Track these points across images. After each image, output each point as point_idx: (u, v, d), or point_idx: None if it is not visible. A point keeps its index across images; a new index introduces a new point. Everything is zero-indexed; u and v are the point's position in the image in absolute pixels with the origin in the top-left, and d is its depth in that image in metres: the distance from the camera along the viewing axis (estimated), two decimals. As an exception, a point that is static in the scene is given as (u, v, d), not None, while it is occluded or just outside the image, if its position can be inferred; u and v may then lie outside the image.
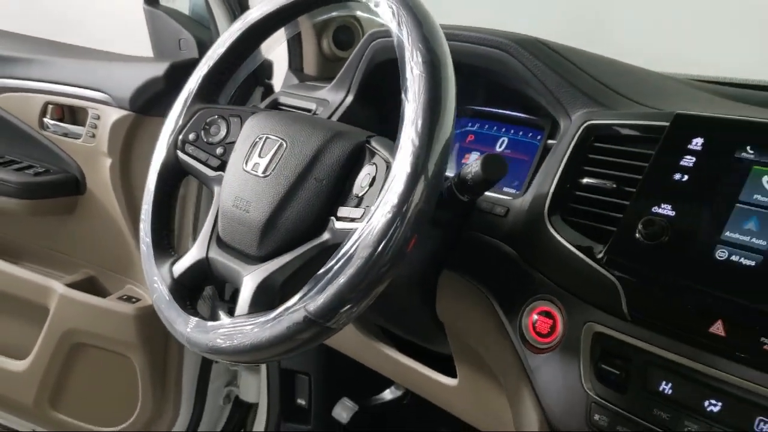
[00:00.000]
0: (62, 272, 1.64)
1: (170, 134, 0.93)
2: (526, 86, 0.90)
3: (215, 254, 0.83)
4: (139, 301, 1.53)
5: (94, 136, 1.50)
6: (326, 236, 0.75)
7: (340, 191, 0.77)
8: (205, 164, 0.90)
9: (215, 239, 0.85)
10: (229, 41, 0.94)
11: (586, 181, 0.78)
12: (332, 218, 0.75)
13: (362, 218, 0.70)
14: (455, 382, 0.98)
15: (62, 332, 1.55)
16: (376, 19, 0.79)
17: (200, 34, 1.43)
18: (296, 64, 1.39)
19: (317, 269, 0.69)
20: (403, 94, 0.70)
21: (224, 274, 0.83)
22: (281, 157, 0.80)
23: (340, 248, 0.68)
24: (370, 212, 0.68)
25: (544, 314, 0.77)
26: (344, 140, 0.79)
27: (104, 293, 1.59)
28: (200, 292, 0.88)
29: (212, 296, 0.94)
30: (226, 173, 0.86)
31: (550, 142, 0.91)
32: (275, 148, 0.82)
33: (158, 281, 0.86)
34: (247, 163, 0.83)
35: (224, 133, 0.90)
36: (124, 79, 1.45)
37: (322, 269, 0.68)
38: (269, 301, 0.75)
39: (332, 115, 1.10)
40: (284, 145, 0.81)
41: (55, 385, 1.61)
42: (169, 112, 0.95)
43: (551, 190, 0.79)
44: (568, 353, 0.75)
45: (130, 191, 1.49)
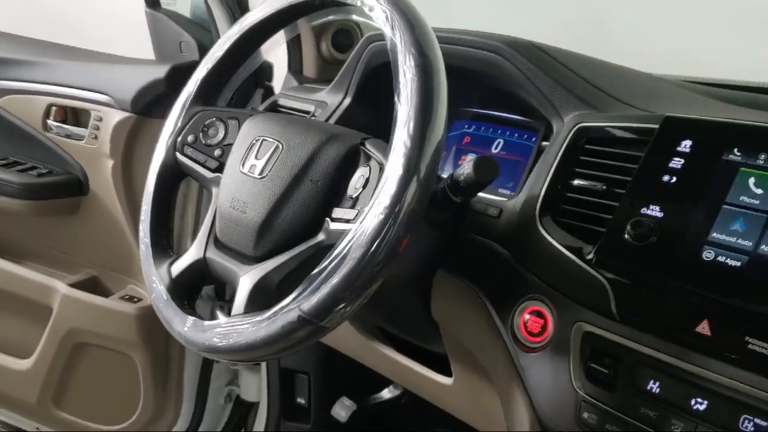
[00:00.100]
0: (65, 272, 1.65)
1: (169, 136, 0.94)
2: (519, 89, 0.91)
3: (213, 254, 0.85)
4: (140, 300, 1.55)
5: (96, 137, 1.51)
6: (321, 237, 0.76)
7: (334, 192, 0.78)
8: (203, 166, 0.91)
9: (213, 240, 0.86)
10: (227, 44, 0.95)
11: (577, 182, 0.79)
12: (327, 219, 0.76)
13: (356, 219, 0.71)
14: (450, 381, 0.99)
15: (65, 331, 1.57)
16: (370, 23, 0.80)
17: (201, 36, 1.45)
18: (296, 66, 1.40)
19: (313, 269, 0.70)
20: (396, 97, 0.71)
21: (221, 274, 0.84)
22: (277, 159, 0.82)
23: (333, 248, 0.69)
24: (363, 213, 0.69)
25: (535, 314, 0.78)
26: (339, 142, 0.80)
27: (107, 293, 1.60)
28: (198, 291, 0.90)
29: (210, 296, 0.96)
30: (223, 175, 0.87)
31: (544, 143, 0.92)
32: (271, 150, 0.83)
33: (156, 281, 0.87)
34: (243, 164, 0.84)
35: (222, 135, 0.91)
36: (125, 81, 1.47)
37: (316, 269, 0.69)
38: (265, 300, 0.76)
39: (330, 117, 1.11)
40: (280, 147, 0.82)
41: (58, 383, 1.62)
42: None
43: (542, 191, 0.80)
44: (558, 352, 0.76)
45: (131, 192, 1.50)
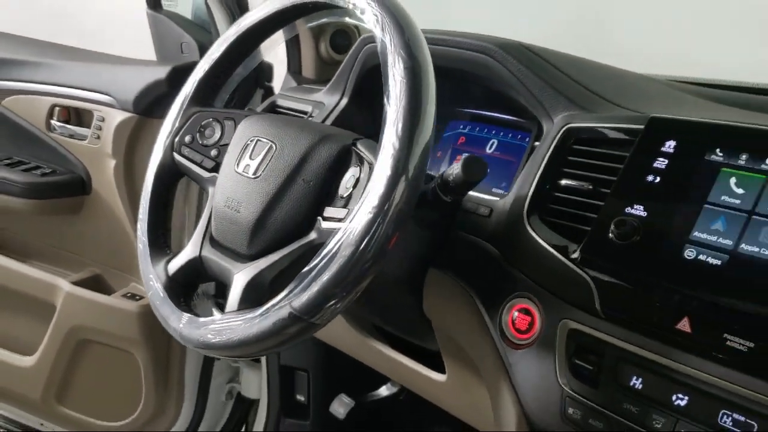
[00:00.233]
0: (69, 270, 1.67)
1: (167, 136, 0.96)
2: (510, 89, 0.92)
3: (208, 253, 0.86)
4: (142, 298, 1.57)
5: (99, 137, 1.54)
6: (313, 235, 0.78)
7: (326, 192, 0.79)
8: (199, 166, 0.93)
9: (208, 238, 0.88)
10: (223, 46, 0.97)
11: (564, 182, 0.81)
12: (319, 218, 0.78)
13: (346, 218, 0.73)
14: (444, 378, 1.00)
15: (68, 329, 1.59)
16: (362, 25, 0.81)
17: (202, 37, 1.47)
18: (295, 67, 1.42)
19: (305, 267, 0.71)
20: (385, 98, 0.73)
21: (216, 272, 0.85)
22: (271, 159, 0.83)
23: (323, 247, 0.71)
24: (353, 212, 0.70)
25: (523, 311, 0.79)
26: (331, 143, 0.82)
27: (109, 291, 1.62)
28: (194, 289, 0.91)
29: (206, 293, 0.97)
30: (219, 174, 0.89)
31: (536, 144, 0.93)
32: (265, 150, 0.84)
33: (153, 279, 0.89)
34: (238, 164, 0.86)
35: (218, 135, 0.93)
36: (127, 82, 1.49)
37: (306, 267, 0.71)
38: (258, 298, 0.77)
39: (327, 117, 1.13)
40: (274, 147, 0.84)
41: (61, 380, 1.64)
42: None
43: (530, 191, 0.81)
44: (544, 349, 0.77)
45: (133, 192, 1.52)
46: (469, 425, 1.04)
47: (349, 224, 0.70)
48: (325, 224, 0.77)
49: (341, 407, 1.38)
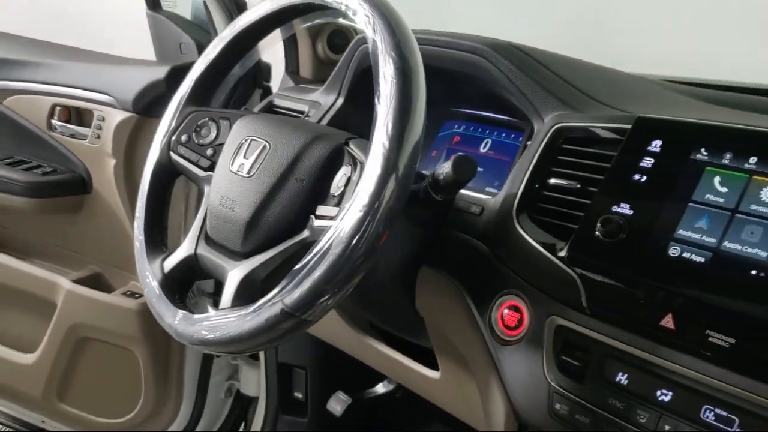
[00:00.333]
0: (69, 269, 1.69)
1: (163, 136, 0.97)
2: (502, 89, 0.93)
3: (203, 250, 0.87)
4: (142, 296, 1.58)
5: (99, 137, 1.55)
6: (306, 233, 0.79)
7: (319, 191, 0.80)
8: (195, 165, 0.94)
9: (204, 236, 0.89)
10: (219, 47, 0.98)
11: (553, 181, 0.82)
12: (312, 216, 0.79)
13: (337, 216, 0.74)
14: (438, 375, 1.01)
15: (69, 326, 1.60)
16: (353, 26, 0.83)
17: (200, 38, 1.48)
18: (293, 67, 1.43)
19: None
20: (375, 98, 0.74)
21: (211, 269, 0.87)
22: (265, 158, 0.84)
23: (315, 244, 0.72)
24: (344, 210, 0.72)
25: (512, 308, 0.80)
26: (324, 142, 0.83)
27: (109, 289, 1.64)
28: (190, 286, 0.92)
29: (201, 290, 0.98)
30: (214, 173, 0.90)
31: (529, 143, 0.94)
32: (259, 149, 0.85)
33: (150, 276, 0.90)
34: (233, 163, 0.87)
35: (214, 135, 0.94)
36: (127, 81, 1.50)
37: (298, 265, 0.72)
38: (252, 295, 0.78)
39: (323, 117, 1.14)
40: (267, 146, 0.85)
41: (62, 377, 1.66)
42: None
43: (520, 190, 0.82)
44: (532, 345, 0.78)
45: (133, 190, 1.54)
46: (464, 423, 1.05)
47: (340, 222, 0.71)
48: (317, 222, 0.78)
49: (338, 404, 1.39)
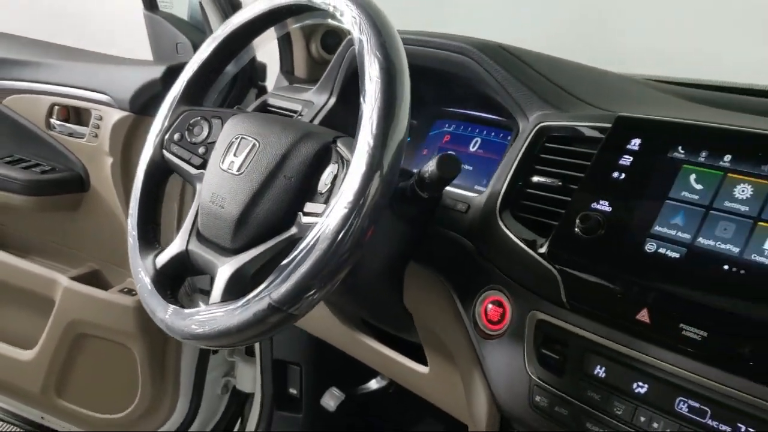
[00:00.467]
0: (67, 266, 1.71)
1: (157, 135, 0.99)
2: (489, 89, 0.95)
3: (194, 247, 0.89)
4: (139, 293, 1.60)
5: (96, 135, 1.57)
6: (294, 230, 0.80)
7: (307, 188, 0.82)
8: (188, 163, 0.95)
9: (195, 233, 0.90)
10: (211, 47, 1.00)
11: (536, 179, 0.83)
12: (300, 213, 0.80)
13: (324, 213, 0.76)
14: (427, 369, 1.03)
15: (67, 323, 1.62)
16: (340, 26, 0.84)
17: (196, 38, 1.50)
18: (287, 66, 1.44)
19: None
20: (361, 97, 0.75)
21: (202, 265, 0.88)
22: (254, 156, 0.86)
23: (301, 240, 0.73)
24: (330, 207, 0.73)
25: (495, 303, 0.82)
26: (312, 140, 0.84)
27: (107, 286, 1.65)
28: (182, 282, 0.94)
29: (192, 286, 1.00)
30: (206, 171, 0.92)
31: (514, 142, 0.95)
32: (249, 147, 0.87)
33: (142, 272, 0.92)
34: (223, 161, 0.89)
35: (206, 133, 0.96)
36: (124, 81, 1.52)
37: (285, 260, 0.74)
38: (241, 290, 0.80)
39: (316, 116, 1.16)
40: (257, 145, 0.87)
41: (60, 373, 1.68)
42: None
43: (503, 187, 0.84)
44: (514, 339, 0.80)
45: (130, 189, 1.52)
46: (455, 418, 1.07)
47: (326, 219, 0.72)
48: (305, 219, 0.79)
49: (332, 400, 1.41)
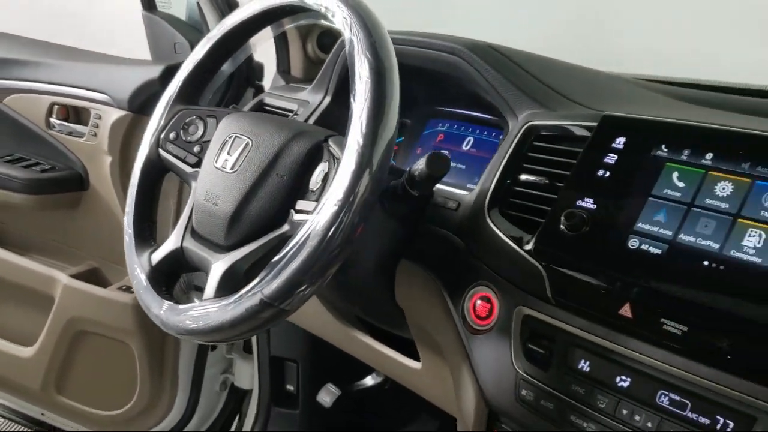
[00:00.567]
0: (67, 264, 1.73)
1: (153, 133, 1.00)
2: (479, 89, 0.96)
3: (189, 244, 0.90)
4: (137, 290, 1.61)
5: (95, 135, 1.59)
6: (286, 227, 0.82)
7: (298, 186, 0.83)
8: (183, 161, 0.97)
9: (190, 230, 0.92)
10: (206, 47, 1.01)
11: (524, 177, 0.85)
12: (292, 211, 0.82)
13: (314, 210, 0.77)
14: (419, 365, 1.04)
15: (66, 320, 1.64)
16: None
17: (194, 38, 1.51)
18: (284, 66, 1.46)
19: None
20: (351, 96, 0.77)
21: (196, 261, 0.90)
22: (247, 154, 0.87)
23: (293, 237, 0.75)
24: (321, 204, 0.75)
25: (483, 299, 0.83)
26: (304, 139, 0.86)
27: (106, 284, 1.67)
28: (177, 278, 0.95)
29: (187, 283, 1.02)
30: (201, 169, 0.93)
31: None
32: (242, 146, 0.88)
33: (138, 269, 0.93)
34: (217, 160, 0.90)
35: (201, 132, 0.97)
36: (123, 81, 1.54)
37: (277, 256, 0.75)
38: (234, 286, 0.81)
39: (311, 115, 1.17)
40: (250, 143, 0.88)
41: (59, 370, 1.69)
42: None
43: (492, 185, 0.85)
44: (502, 334, 0.81)
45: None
46: (449, 415, 1.08)
47: (317, 216, 0.74)
48: (296, 217, 0.81)
49: (328, 396, 1.42)
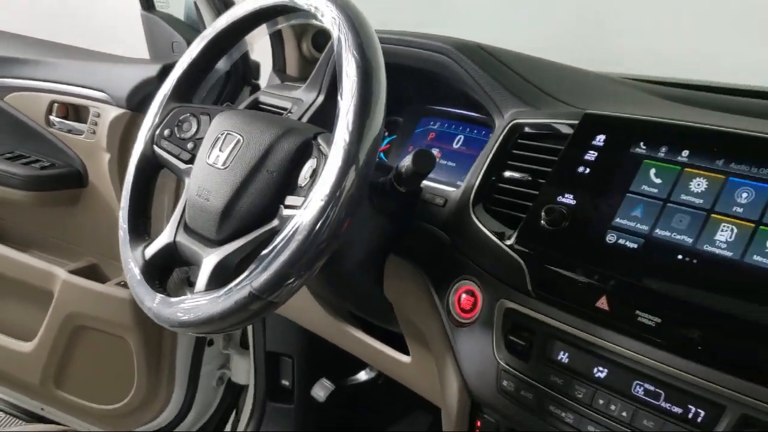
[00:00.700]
0: (66, 260, 1.74)
1: (148, 130, 1.03)
2: (467, 88, 0.98)
3: (181, 238, 0.93)
4: (135, 286, 1.63)
5: (94, 132, 1.61)
6: (275, 222, 0.84)
7: (288, 182, 0.85)
8: (177, 158, 0.99)
9: (183, 225, 0.94)
10: (200, 46, 1.03)
11: (508, 174, 0.87)
12: (281, 206, 0.84)
13: (302, 205, 0.79)
14: (409, 359, 1.06)
15: (65, 315, 1.66)
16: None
17: (191, 37, 1.51)
18: (279, 65, 1.48)
19: None
20: (339, 94, 0.79)
21: (188, 255, 0.92)
22: (238, 151, 0.89)
23: (281, 231, 0.77)
24: (308, 199, 0.77)
25: (468, 293, 0.85)
26: (294, 136, 0.88)
27: (104, 279, 1.69)
28: (170, 272, 0.97)
29: (180, 277, 1.03)
30: (194, 166, 0.95)
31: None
32: (234, 143, 0.90)
33: (132, 263, 0.95)
34: (210, 156, 0.92)
35: (195, 129, 0.99)
36: (121, 79, 1.56)
37: (265, 250, 0.77)
38: (225, 279, 0.83)
39: (305, 113, 1.19)
40: (241, 140, 0.90)
41: (58, 365, 1.71)
42: None
43: (477, 182, 0.87)
44: (484, 327, 0.83)
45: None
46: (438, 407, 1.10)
47: (304, 211, 0.76)
48: (285, 212, 0.83)
49: (321, 390, 1.44)
